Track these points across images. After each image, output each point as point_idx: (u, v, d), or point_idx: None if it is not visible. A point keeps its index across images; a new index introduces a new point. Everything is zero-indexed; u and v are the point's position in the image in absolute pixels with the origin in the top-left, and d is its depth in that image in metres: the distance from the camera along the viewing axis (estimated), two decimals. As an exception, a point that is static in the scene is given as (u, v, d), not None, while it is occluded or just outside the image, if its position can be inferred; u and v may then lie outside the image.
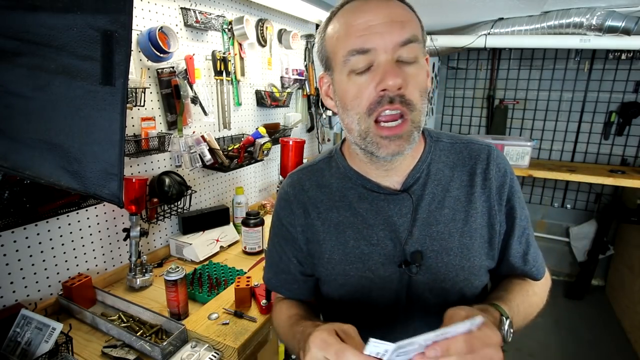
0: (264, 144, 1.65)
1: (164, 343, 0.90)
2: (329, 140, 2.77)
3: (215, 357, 0.91)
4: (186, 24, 1.45)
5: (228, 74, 1.63)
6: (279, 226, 0.79)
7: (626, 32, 1.99)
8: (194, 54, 1.44)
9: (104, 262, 1.27)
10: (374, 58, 0.58)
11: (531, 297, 0.72)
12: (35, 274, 1.07)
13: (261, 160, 1.73)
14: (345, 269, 0.71)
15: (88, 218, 1.20)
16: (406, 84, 0.58)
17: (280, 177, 0.99)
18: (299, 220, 0.75)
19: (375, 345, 0.43)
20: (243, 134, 1.81)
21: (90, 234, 1.21)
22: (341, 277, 0.72)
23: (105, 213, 1.25)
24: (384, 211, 0.69)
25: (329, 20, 0.65)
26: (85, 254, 1.21)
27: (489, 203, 0.69)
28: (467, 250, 0.68)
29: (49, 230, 1.09)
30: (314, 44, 2.33)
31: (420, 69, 0.60)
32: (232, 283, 1.23)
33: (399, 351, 0.43)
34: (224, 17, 1.61)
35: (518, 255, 0.72)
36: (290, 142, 0.94)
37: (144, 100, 1.26)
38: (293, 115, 2.18)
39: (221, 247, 1.52)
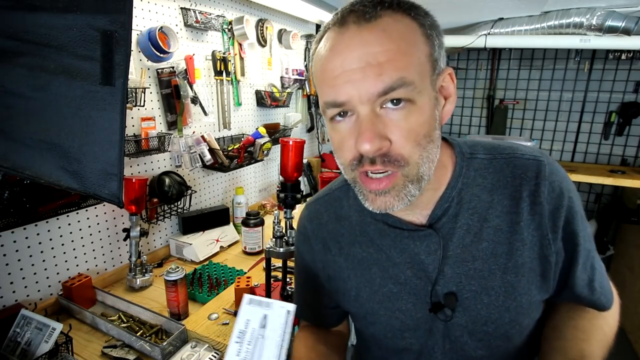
0: (264, 144, 1.65)
1: (164, 343, 0.90)
2: (329, 140, 2.76)
3: (215, 357, 0.91)
4: (186, 24, 1.45)
5: (228, 74, 1.63)
6: (301, 260, 0.76)
7: (626, 32, 1.99)
8: (194, 54, 1.44)
9: (104, 262, 1.27)
10: (352, 107, 0.50)
11: (607, 335, 0.62)
12: (35, 274, 1.07)
13: (261, 160, 1.73)
14: (373, 308, 0.65)
15: (88, 218, 1.20)
16: (392, 138, 0.49)
17: (280, 177, 0.99)
18: (318, 256, 0.71)
19: None
20: (243, 134, 1.81)
21: (90, 234, 1.21)
22: (370, 315, 0.66)
23: (105, 213, 1.25)
24: (409, 249, 0.61)
25: (313, 52, 0.55)
26: (85, 254, 1.20)
27: (540, 232, 0.57)
28: (512, 288, 0.58)
29: (49, 230, 1.09)
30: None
31: (414, 112, 0.49)
32: (232, 283, 1.23)
33: None
34: (224, 17, 1.61)
35: (583, 284, 0.61)
36: (290, 142, 0.94)
37: (144, 100, 1.26)
38: (293, 115, 2.18)
39: (221, 247, 1.52)
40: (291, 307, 0.52)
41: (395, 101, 0.48)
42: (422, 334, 0.63)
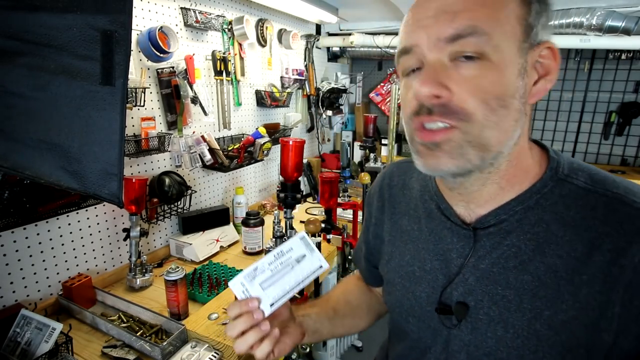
0: (264, 144, 1.65)
1: (164, 343, 0.90)
2: (329, 140, 2.77)
3: (215, 357, 0.91)
4: (186, 24, 1.44)
5: (228, 74, 1.63)
6: (366, 209, 0.80)
7: (626, 32, 1.99)
8: (194, 54, 1.44)
9: (104, 262, 1.27)
10: (420, 57, 0.47)
11: None
12: (35, 274, 1.07)
13: (261, 160, 1.73)
14: (394, 280, 0.66)
15: (88, 218, 1.20)
16: (454, 89, 0.44)
17: (281, 177, 0.99)
18: (375, 212, 0.73)
19: (235, 287, 0.56)
20: (243, 134, 1.81)
21: (90, 234, 1.21)
22: (389, 285, 0.67)
23: (105, 213, 1.25)
24: (446, 241, 0.57)
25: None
26: (85, 254, 1.20)
27: (606, 298, 0.45)
28: (537, 340, 0.48)
29: (49, 230, 1.09)
30: (313, 44, 2.33)
31: (488, 68, 0.43)
32: (232, 283, 1.23)
33: (259, 282, 0.57)
34: (224, 17, 1.61)
35: None
36: (290, 142, 0.94)
37: (144, 100, 1.26)
38: (293, 115, 2.18)
39: (221, 247, 1.52)
40: (324, 265, 0.59)
41: (468, 57, 0.44)
42: (425, 328, 0.60)
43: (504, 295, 0.50)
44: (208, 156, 1.51)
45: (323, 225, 1.30)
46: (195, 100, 1.47)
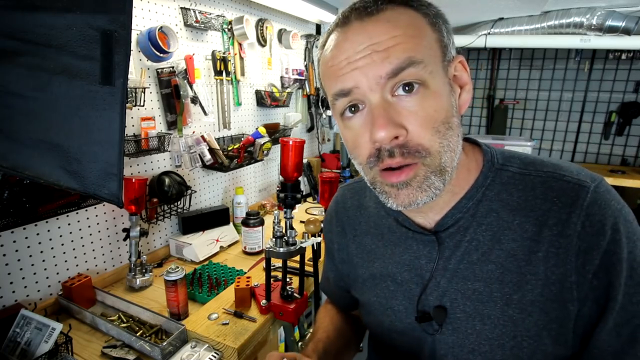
0: (263, 144, 1.65)
1: (164, 343, 0.90)
2: (329, 140, 2.77)
3: (215, 357, 0.91)
4: (186, 24, 1.44)
5: (228, 73, 1.63)
6: (326, 238, 0.79)
7: (626, 32, 1.99)
8: (193, 54, 1.44)
9: (104, 262, 1.27)
10: (361, 97, 0.48)
11: None
12: (35, 274, 1.07)
13: (261, 160, 1.73)
14: (370, 300, 0.66)
15: (88, 218, 1.20)
16: (408, 126, 0.46)
17: (280, 177, 0.99)
18: (336, 238, 0.74)
19: None
20: (243, 134, 1.81)
21: (90, 234, 1.21)
22: (367, 306, 0.67)
23: (105, 213, 1.25)
24: (412, 250, 0.59)
25: (319, 57, 0.55)
26: (85, 254, 1.20)
27: (562, 270, 0.48)
28: (513, 325, 0.50)
29: (48, 230, 1.09)
30: (314, 44, 2.33)
31: (429, 96, 0.46)
32: (232, 283, 1.23)
33: None
34: (223, 17, 1.61)
35: (609, 351, 0.49)
36: (290, 142, 0.94)
37: (144, 100, 1.26)
38: (293, 115, 2.18)
39: (221, 247, 1.52)
40: None
41: (407, 88, 0.46)
42: (409, 340, 0.61)
43: (475, 289, 0.53)
44: (208, 156, 1.51)
45: (323, 225, 1.30)
46: (195, 100, 1.47)
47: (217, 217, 1.57)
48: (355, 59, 0.46)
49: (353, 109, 0.50)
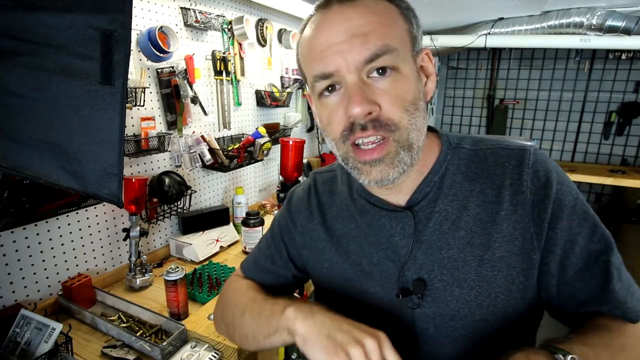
0: (263, 143, 1.65)
1: (164, 343, 0.90)
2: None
3: (215, 357, 0.91)
4: (186, 24, 1.44)
5: (228, 73, 1.63)
6: (284, 217, 0.76)
7: (626, 32, 1.99)
8: (193, 54, 1.44)
9: (104, 262, 1.27)
10: (340, 79, 0.52)
11: (622, 343, 0.51)
12: (34, 274, 1.07)
13: (261, 160, 1.73)
14: (343, 285, 0.65)
15: (88, 218, 1.20)
16: (381, 103, 0.51)
17: (280, 177, 0.99)
18: (301, 221, 0.72)
19: None
20: (243, 134, 1.81)
21: (90, 234, 1.21)
22: (338, 292, 0.66)
23: (105, 213, 1.25)
24: (385, 229, 0.61)
25: (299, 40, 0.58)
26: (85, 254, 1.20)
27: (522, 224, 0.54)
28: (487, 283, 0.55)
29: (48, 230, 1.09)
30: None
31: (400, 80, 0.51)
32: (232, 283, 1.23)
33: None
34: (223, 16, 1.60)
35: (584, 292, 0.54)
36: (290, 142, 0.94)
37: (144, 100, 1.26)
38: (293, 115, 2.18)
39: (221, 247, 1.52)
40: None
41: (380, 71, 0.51)
42: (386, 321, 0.60)
43: (450, 257, 0.57)
44: (208, 156, 1.51)
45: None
46: (195, 100, 1.47)
47: (217, 217, 1.57)
48: (337, 41, 0.50)
49: (330, 88, 0.54)
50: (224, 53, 1.60)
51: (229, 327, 0.71)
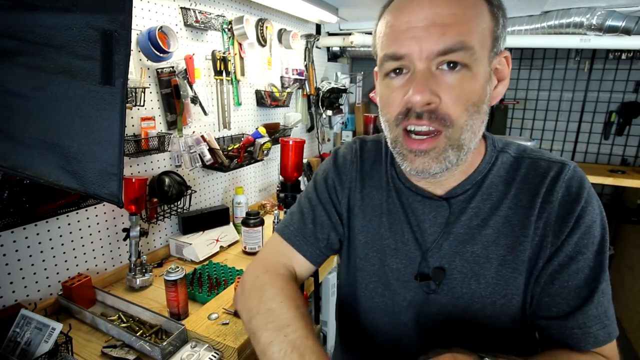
0: (263, 143, 1.65)
1: (164, 343, 0.90)
2: (329, 140, 2.77)
3: (215, 357, 0.91)
4: (186, 24, 1.44)
5: (228, 73, 1.63)
6: (328, 177, 0.73)
7: (626, 32, 1.99)
8: (193, 54, 1.44)
9: (104, 262, 1.27)
10: (409, 64, 0.51)
11: None
12: (35, 274, 1.07)
13: (261, 160, 1.73)
14: (368, 254, 0.66)
15: (88, 218, 1.19)
16: (442, 97, 0.50)
17: (280, 177, 0.99)
18: (350, 183, 0.71)
19: None
20: (243, 134, 1.81)
21: (90, 234, 1.21)
22: (361, 260, 0.67)
23: (105, 213, 1.25)
24: (418, 213, 0.62)
25: (381, 14, 0.57)
26: (85, 254, 1.20)
27: (543, 232, 0.56)
28: (505, 284, 0.56)
29: (48, 230, 1.09)
30: (313, 44, 2.33)
31: (468, 78, 0.50)
32: (232, 283, 1.23)
33: None
34: (223, 16, 1.60)
35: (561, 309, 0.55)
36: (290, 142, 0.94)
37: (144, 100, 1.25)
38: (293, 115, 2.18)
39: (221, 247, 1.52)
40: None
41: (452, 65, 0.49)
42: (401, 300, 0.63)
43: (473, 252, 0.58)
44: (208, 156, 1.51)
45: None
46: (195, 100, 1.47)
47: (217, 217, 1.57)
48: (415, 26, 0.49)
49: (397, 70, 0.53)
50: (224, 53, 1.60)
51: (251, 334, 0.60)
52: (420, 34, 0.49)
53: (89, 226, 1.20)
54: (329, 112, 2.46)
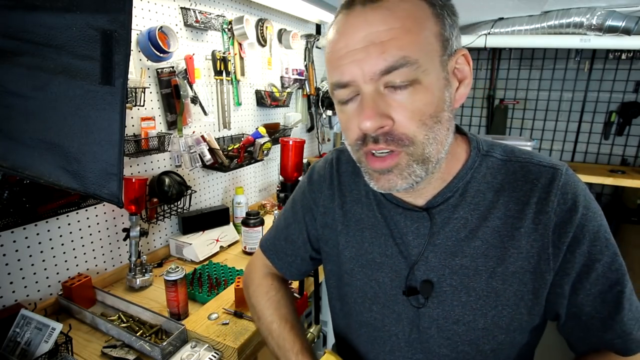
0: (263, 143, 1.65)
1: (164, 343, 0.90)
2: (329, 140, 2.76)
3: (215, 357, 0.91)
4: (186, 24, 1.44)
5: (228, 73, 1.63)
6: (304, 196, 0.75)
7: (626, 32, 1.99)
8: (193, 54, 1.44)
9: (104, 262, 1.27)
10: (356, 88, 0.50)
11: None
12: (35, 274, 1.07)
13: (261, 160, 1.73)
14: (353, 270, 0.66)
15: (88, 218, 1.19)
16: (395, 117, 0.48)
17: (280, 177, 0.99)
18: (324, 201, 0.71)
19: None
20: (243, 134, 1.81)
21: (90, 234, 1.21)
22: (347, 276, 0.67)
23: (105, 213, 1.25)
24: (400, 226, 0.61)
25: (326, 37, 0.56)
26: (85, 254, 1.20)
27: (540, 243, 0.53)
28: (495, 295, 0.55)
29: (48, 230, 1.09)
30: (313, 44, 2.33)
31: (420, 92, 0.48)
32: (232, 283, 1.23)
33: None
34: (223, 16, 1.60)
35: (592, 317, 0.54)
36: (290, 142, 0.94)
37: (144, 100, 1.25)
38: (293, 115, 2.18)
39: (221, 247, 1.52)
40: None
41: (399, 82, 0.47)
42: (389, 314, 0.62)
43: (462, 264, 0.56)
44: (208, 156, 1.51)
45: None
46: (195, 100, 1.47)
47: (217, 217, 1.57)
48: (354, 49, 0.48)
49: (350, 98, 0.52)
50: (224, 53, 1.60)
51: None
52: (359, 56, 0.47)
53: (89, 226, 1.20)
54: (329, 112, 2.46)
